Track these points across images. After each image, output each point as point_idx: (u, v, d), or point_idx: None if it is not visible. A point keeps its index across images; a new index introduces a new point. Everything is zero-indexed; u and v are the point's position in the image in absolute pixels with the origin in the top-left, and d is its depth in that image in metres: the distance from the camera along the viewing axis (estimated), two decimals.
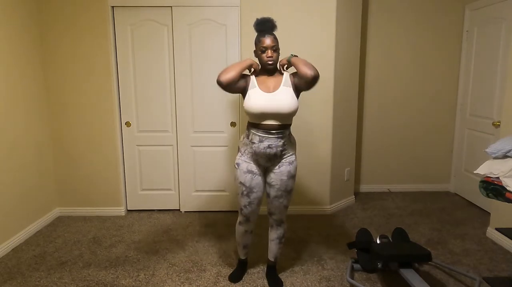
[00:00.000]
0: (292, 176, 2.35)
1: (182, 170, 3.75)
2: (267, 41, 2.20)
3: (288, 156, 2.32)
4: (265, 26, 2.23)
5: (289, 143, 2.33)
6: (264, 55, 2.22)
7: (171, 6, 3.46)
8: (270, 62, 2.22)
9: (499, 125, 3.53)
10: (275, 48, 2.21)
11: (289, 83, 2.27)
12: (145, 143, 3.72)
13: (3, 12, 2.97)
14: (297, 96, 2.27)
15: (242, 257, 2.63)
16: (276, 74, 2.31)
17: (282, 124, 2.24)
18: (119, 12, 3.49)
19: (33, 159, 3.35)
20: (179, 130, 3.68)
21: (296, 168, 2.37)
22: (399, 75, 4.27)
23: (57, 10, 3.41)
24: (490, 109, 3.70)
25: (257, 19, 2.25)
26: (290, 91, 2.23)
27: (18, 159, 3.16)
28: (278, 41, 2.25)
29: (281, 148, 2.26)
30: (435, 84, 4.29)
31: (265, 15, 2.45)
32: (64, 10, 3.41)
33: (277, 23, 2.27)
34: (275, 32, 2.27)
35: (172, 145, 3.73)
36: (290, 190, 2.37)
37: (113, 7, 3.47)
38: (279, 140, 2.25)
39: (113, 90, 3.54)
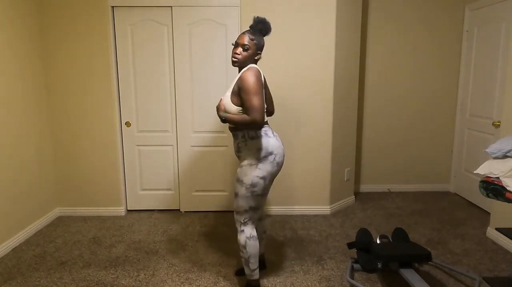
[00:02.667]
0: (237, 180, 2.19)
1: (182, 170, 3.75)
2: (241, 38, 2.14)
3: (243, 160, 2.22)
4: (256, 27, 2.17)
5: (244, 147, 2.20)
6: (232, 50, 2.17)
7: (171, 6, 3.46)
8: (233, 59, 2.15)
9: (499, 125, 3.53)
10: (246, 48, 2.12)
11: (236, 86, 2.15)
12: (145, 143, 3.72)
13: (3, 12, 2.97)
14: (239, 99, 2.13)
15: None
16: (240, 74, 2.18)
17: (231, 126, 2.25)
18: (119, 12, 3.49)
19: (33, 159, 3.35)
20: (179, 130, 3.68)
21: (245, 174, 2.16)
22: (399, 75, 4.27)
23: (57, 10, 3.41)
24: (490, 109, 3.70)
25: (254, 17, 2.19)
26: (228, 98, 2.15)
27: (18, 159, 3.16)
28: (256, 44, 2.15)
29: (236, 149, 2.28)
30: (435, 84, 4.29)
31: (265, 15, 2.44)
32: (64, 11, 3.41)
33: (277, 24, 2.23)
34: (268, 36, 2.17)
35: (172, 145, 3.73)
36: (236, 193, 2.21)
37: (113, 7, 3.47)
38: (234, 140, 2.27)
39: (113, 90, 3.54)
